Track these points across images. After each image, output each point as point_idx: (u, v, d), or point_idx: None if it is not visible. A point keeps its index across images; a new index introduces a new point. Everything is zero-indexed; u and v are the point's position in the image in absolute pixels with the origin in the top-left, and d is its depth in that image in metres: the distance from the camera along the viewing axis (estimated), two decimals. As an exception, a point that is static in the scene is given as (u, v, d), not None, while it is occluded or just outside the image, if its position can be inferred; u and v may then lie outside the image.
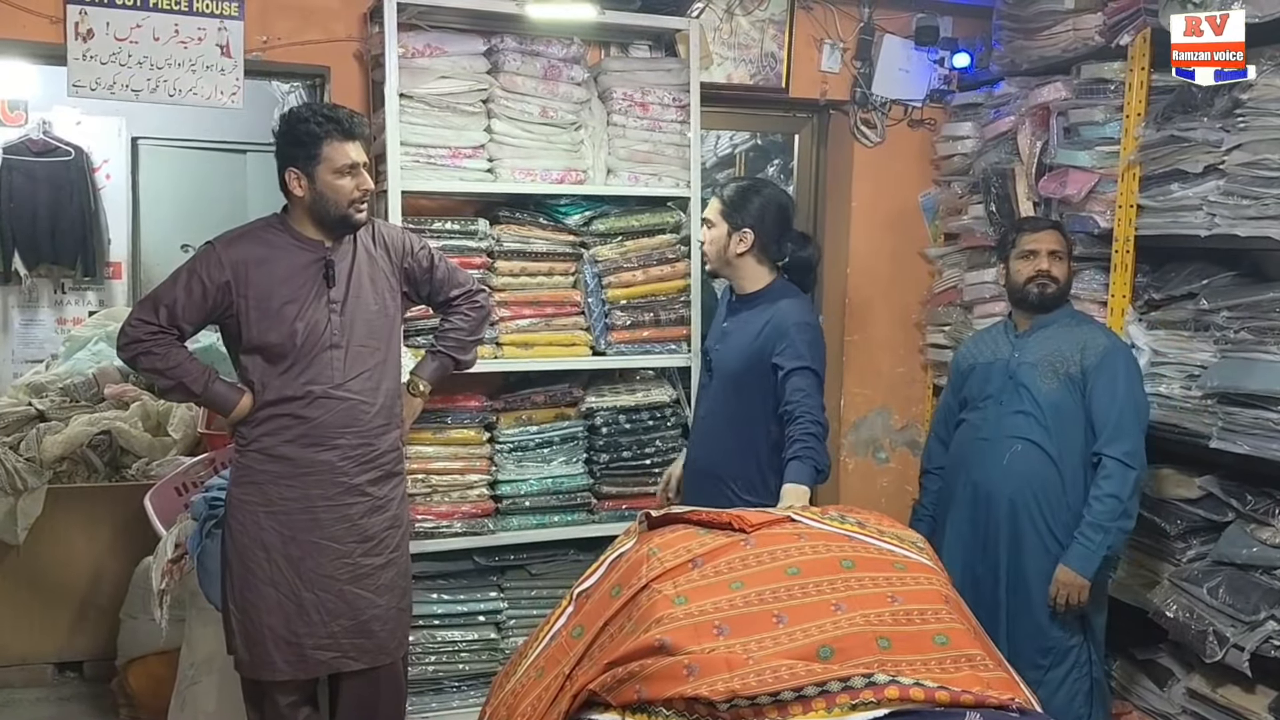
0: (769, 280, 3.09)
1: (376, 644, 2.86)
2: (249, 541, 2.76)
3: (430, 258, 2.99)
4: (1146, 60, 3.32)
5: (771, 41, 4.17)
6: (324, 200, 2.72)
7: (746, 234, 3.03)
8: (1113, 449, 2.97)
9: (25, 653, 4.12)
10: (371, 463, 2.82)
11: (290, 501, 2.75)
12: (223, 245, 2.75)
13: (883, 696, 1.71)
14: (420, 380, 3.03)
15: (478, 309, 3.08)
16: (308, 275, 2.74)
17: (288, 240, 2.76)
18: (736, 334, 3.07)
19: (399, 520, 2.92)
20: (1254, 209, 2.99)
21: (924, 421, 4.53)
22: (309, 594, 2.76)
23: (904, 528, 2.28)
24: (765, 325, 2.99)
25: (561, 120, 3.59)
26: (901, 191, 4.47)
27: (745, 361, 3.01)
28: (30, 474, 4.03)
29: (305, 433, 2.74)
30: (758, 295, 3.07)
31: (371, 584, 2.83)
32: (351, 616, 2.80)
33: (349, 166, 2.71)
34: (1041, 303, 3.17)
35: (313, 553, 2.76)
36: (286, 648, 2.77)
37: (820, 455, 2.83)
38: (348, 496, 2.79)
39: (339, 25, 3.63)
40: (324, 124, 2.68)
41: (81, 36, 3.28)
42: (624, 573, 2.08)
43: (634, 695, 1.83)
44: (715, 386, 3.14)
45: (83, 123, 5.90)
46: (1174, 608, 3.14)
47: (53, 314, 6.06)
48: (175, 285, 2.72)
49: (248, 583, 2.76)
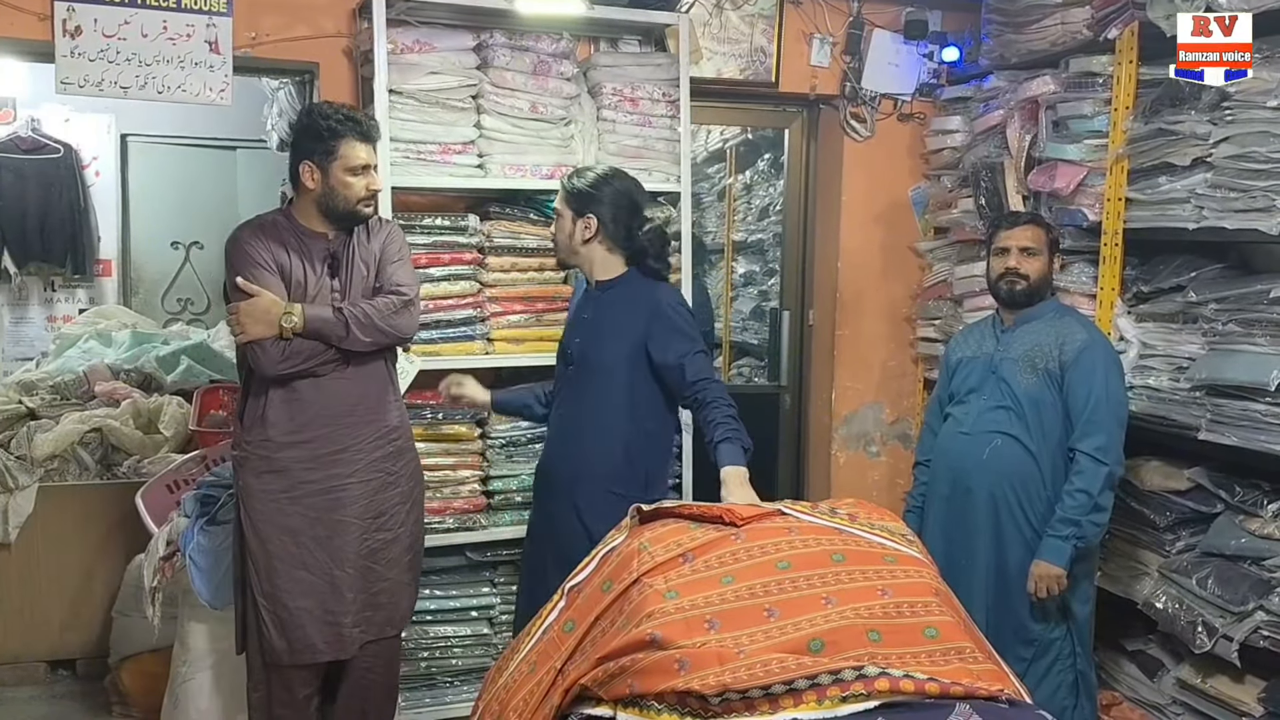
0: (623, 269, 3.04)
1: (384, 616, 2.93)
2: (273, 530, 2.78)
3: (390, 255, 2.93)
4: (1134, 54, 3.33)
5: (761, 36, 4.17)
6: (334, 195, 2.79)
7: (590, 220, 2.98)
8: (1085, 444, 2.99)
9: (18, 651, 4.11)
10: (383, 438, 2.88)
11: (312, 484, 2.79)
12: (249, 234, 2.80)
13: (873, 689, 1.72)
14: (296, 313, 2.72)
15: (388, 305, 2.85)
16: (314, 265, 2.82)
17: (295, 232, 2.83)
18: (599, 323, 3.02)
19: (409, 496, 2.97)
20: (1241, 202, 3.00)
21: (915, 415, 4.54)
22: (339, 572, 2.82)
23: (894, 519, 2.28)
24: (633, 312, 2.96)
25: (551, 116, 3.59)
26: (891, 186, 4.48)
27: (612, 351, 2.97)
28: (21, 472, 4.03)
29: (318, 415, 2.79)
30: (614, 283, 3.03)
31: (383, 557, 2.90)
32: (363, 589, 2.87)
33: (362, 167, 2.78)
34: (1012, 299, 3.20)
35: (339, 530, 2.82)
36: (327, 629, 2.82)
37: (744, 435, 2.79)
38: (365, 474, 2.84)
39: (328, 21, 3.62)
40: (345, 123, 2.76)
41: (69, 33, 3.27)
42: (615, 567, 2.09)
43: (626, 690, 1.83)
44: (576, 379, 3.05)
45: (72, 120, 5.89)
46: (1163, 599, 3.16)
47: (43, 312, 6.06)
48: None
49: (277, 570, 2.79)
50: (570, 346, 3.08)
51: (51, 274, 5.97)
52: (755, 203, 5.90)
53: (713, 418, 2.81)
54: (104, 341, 5.22)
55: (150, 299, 6.39)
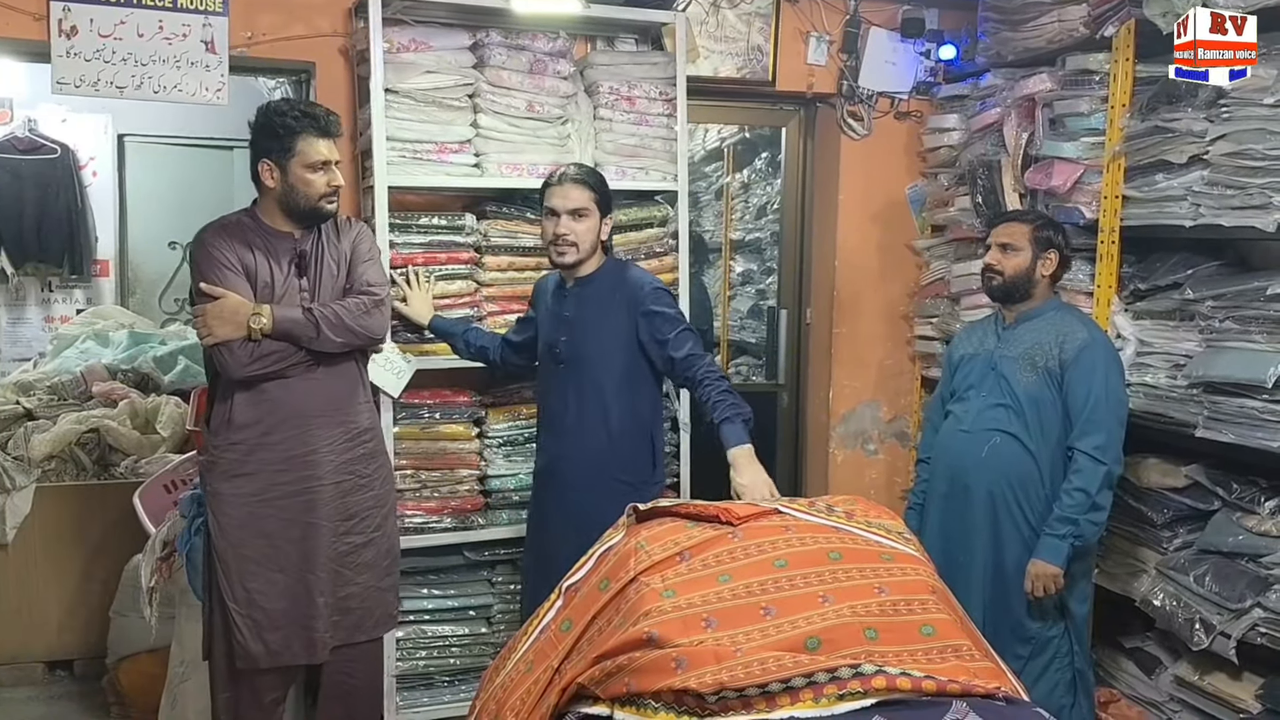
0: (602, 260, 3.11)
1: (353, 621, 2.90)
2: (247, 533, 2.77)
3: (361, 255, 2.92)
4: (1131, 51, 3.33)
5: (758, 35, 4.17)
6: (294, 193, 2.76)
7: (609, 220, 3.08)
8: (1084, 443, 2.99)
9: (15, 651, 4.12)
10: (354, 440, 2.86)
11: (285, 485, 2.77)
12: (212, 235, 2.78)
13: (870, 686, 1.72)
14: (264, 314, 2.69)
15: (358, 305, 2.83)
16: (281, 265, 2.79)
17: (260, 232, 2.81)
18: (585, 319, 3.04)
19: (382, 500, 2.95)
20: (1238, 199, 3.00)
21: (913, 414, 4.54)
22: (311, 575, 2.80)
23: (892, 517, 2.29)
24: (615, 300, 3.01)
25: (548, 115, 3.58)
26: (888, 184, 4.48)
27: (605, 343, 3.00)
28: (18, 472, 4.03)
29: (287, 417, 2.76)
30: (591, 278, 3.08)
31: (352, 561, 2.87)
32: (332, 593, 2.84)
33: (321, 163, 2.75)
34: (990, 294, 3.24)
35: (311, 533, 2.80)
36: (302, 631, 2.81)
37: (744, 407, 2.84)
38: (336, 475, 2.82)
39: (324, 20, 3.62)
40: (300, 119, 2.74)
41: (65, 33, 3.26)
42: (612, 566, 2.09)
43: (623, 688, 1.83)
44: (570, 377, 3.06)
45: (68, 120, 5.89)
46: (1161, 596, 3.16)
47: (40, 312, 6.06)
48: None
49: (251, 573, 2.77)
50: (557, 345, 3.09)
51: (49, 274, 5.97)
52: (753, 201, 5.90)
53: (708, 396, 2.86)
54: (101, 342, 5.22)
55: (147, 299, 6.38)
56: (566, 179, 3.03)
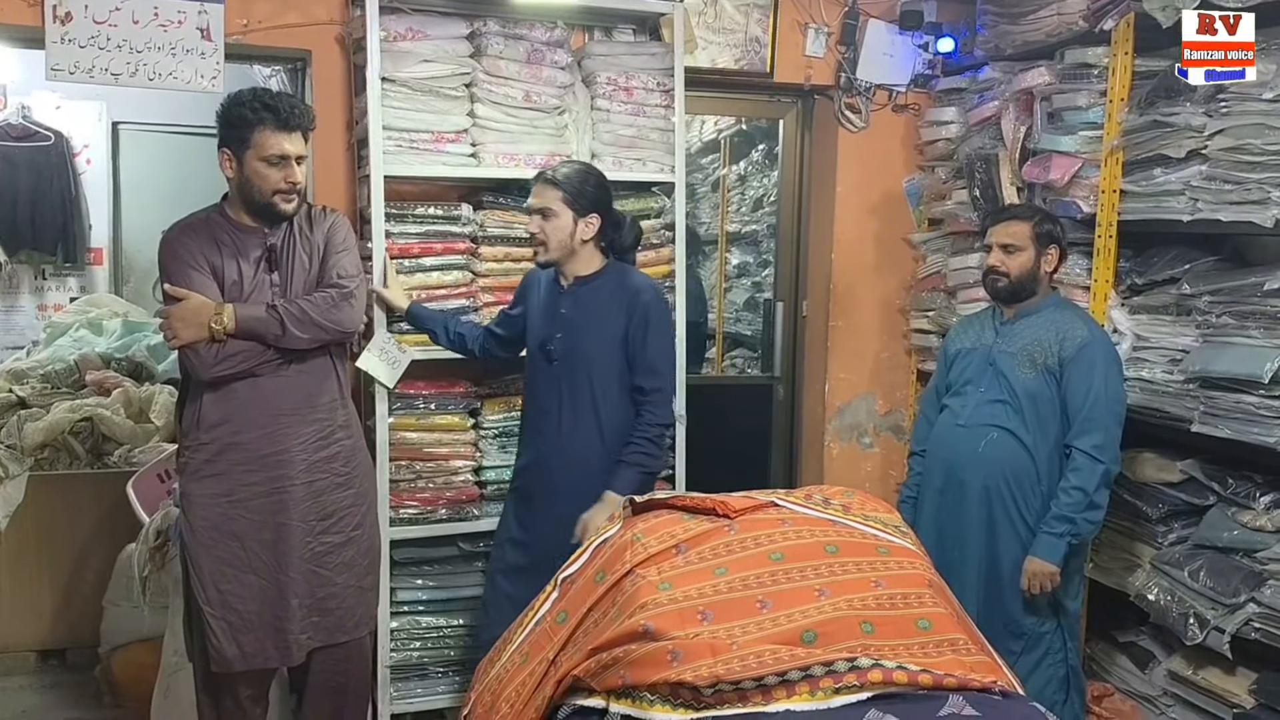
0: (604, 261, 3.08)
1: (333, 622, 2.87)
2: (219, 535, 2.74)
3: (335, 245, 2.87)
4: (1130, 45, 3.32)
5: (756, 26, 4.15)
6: (249, 185, 2.73)
7: (593, 220, 3.01)
8: (1082, 441, 2.99)
9: (8, 640, 4.11)
10: (327, 438, 2.82)
11: (254, 486, 2.74)
12: (177, 235, 2.75)
13: (866, 680, 1.72)
14: (226, 314, 2.66)
15: (326, 299, 2.79)
16: (249, 261, 2.76)
17: (228, 229, 2.78)
18: (583, 319, 3.02)
19: (362, 498, 2.92)
20: (1236, 194, 3.00)
21: (908, 407, 4.54)
22: (284, 576, 2.77)
23: (889, 509, 2.29)
24: (617, 304, 3.00)
25: (545, 105, 3.57)
26: (886, 177, 4.47)
27: (603, 344, 2.99)
28: (12, 461, 4.01)
29: (256, 416, 2.73)
30: (593, 278, 3.06)
31: (330, 561, 2.84)
32: (309, 595, 2.81)
33: (279, 157, 2.70)
34: (996, 296, 3.21)
35: (284, 534, 2.76)
36: (276, 634, 2.78)
37: (653, 461, 2.92)
38: (308, 475, 2.78)
39: (320, 8, 3.60)
40: (259, 111, 2.68)
41: (60, 19, 3.24)
42: (608, 558, 2.09)
43: (619, 680, 1.83)
44: (563, 375, 3.05)
45: (62, 107, 5.86)
46: (1155, 591, 3.17)
47: (33, 300, 6.03)
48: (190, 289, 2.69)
49: (225, 575, 2.74)
50: (550, 343, 3.07)
51: (42, 262, 5.95)
52: (749, 193, 5.90)
53: (633, 433, 2.94)
54: (95, 330, 5.21)
55: (141, 287, 6.35)
56: (541, 178, 3.04)
